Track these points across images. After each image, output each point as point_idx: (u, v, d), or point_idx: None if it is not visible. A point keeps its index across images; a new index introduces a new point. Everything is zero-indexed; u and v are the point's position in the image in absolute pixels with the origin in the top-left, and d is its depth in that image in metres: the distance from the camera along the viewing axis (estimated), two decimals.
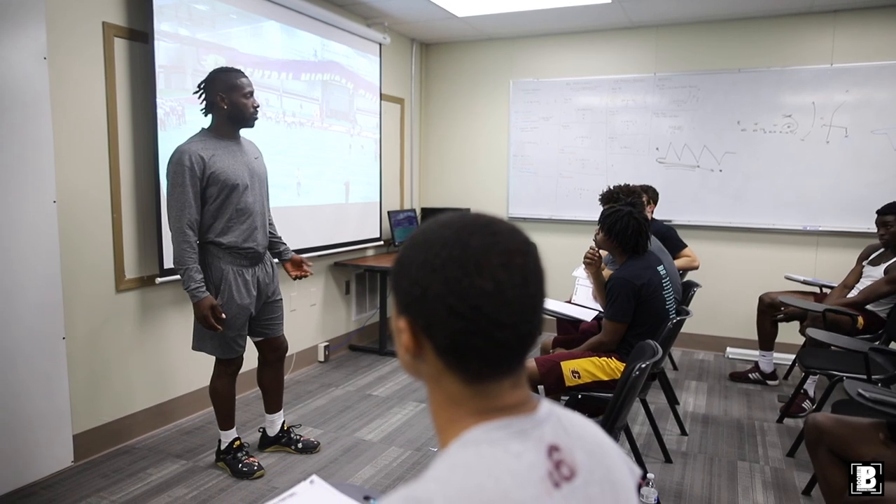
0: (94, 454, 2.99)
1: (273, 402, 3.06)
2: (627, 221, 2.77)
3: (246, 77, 2.70)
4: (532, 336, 0.70)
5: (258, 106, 2.73)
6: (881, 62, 4.33)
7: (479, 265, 0.67)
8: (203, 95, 2.67)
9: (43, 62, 2.58)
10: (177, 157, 2.57)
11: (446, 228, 0.70)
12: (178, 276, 3.18)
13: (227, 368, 2.81)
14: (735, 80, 4.70)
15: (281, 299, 2.97)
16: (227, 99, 2.64)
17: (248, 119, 2.71)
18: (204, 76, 2.71)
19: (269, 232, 2.94)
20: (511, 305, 0.67)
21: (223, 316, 2.64)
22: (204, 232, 2.67)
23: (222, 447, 2.88)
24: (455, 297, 0.66)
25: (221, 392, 2.83)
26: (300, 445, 3.05)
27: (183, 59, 3.22)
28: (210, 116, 2.71)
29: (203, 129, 2.72)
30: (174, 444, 3.15)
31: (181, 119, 3.21)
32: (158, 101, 3.09)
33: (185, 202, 2.55)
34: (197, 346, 2.79)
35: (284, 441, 3.07)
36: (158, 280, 3.18)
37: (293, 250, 3.13)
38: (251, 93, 2.69)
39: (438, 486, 0.63)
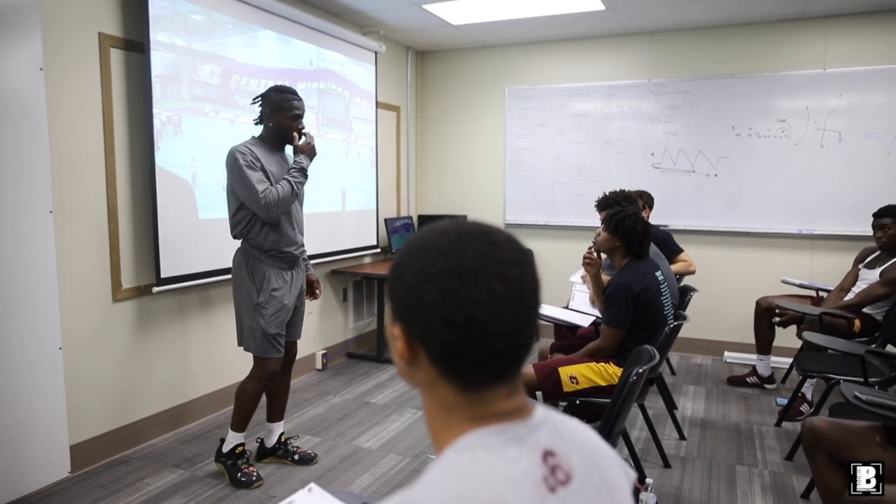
0: (91, 465, 2.98)
1: (276, 411, 3.06)
2: (634, 220, 2.82)
3: (298, 99, 2.80)
4: (527, 345, 0.71)
5: (303, 128, 2.81)
6: (873, 66, 4.37)
7: (475, 275, 0.67)
8: (260, 105, 2.80)
9: (39, 73, 2.58)
10: (233, 155, 2.68)
11: (442, 237, 0.70)
12: (175, 286, 3.23)
13: (261, 373, 2.82)
14: (729, 86, 4.72)
15: (304, 303, 3.03)
16: (274, 118, 2.76)
17: (291, 140, 2.81)
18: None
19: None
20: (506, 316, 0.67)
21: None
22: (248, 234, 2.76)
23: (224, 449, 2.87)
24: (450, 307, 0.66)
25: (249, 394, 2.83)
26: (297, 457, 3.04)
27: (179, 68, 3.23)
28: (262, 127, 2.84)
29: (254, 136, 2.85)
30: (172, 454, 3.14)
31: (177, 129, 3.22)
32: (155, 110, 3.09)
33: (253, 182, 2.62)
34: (244, 345, 2.84)
35: (281, 453, 3.05)
36: (155, 289, 3.18)
37: None
38: (298, 115, 2.79)
39: (433, 492, 0.63)
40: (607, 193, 3.64)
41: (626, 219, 2.82)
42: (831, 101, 4.47)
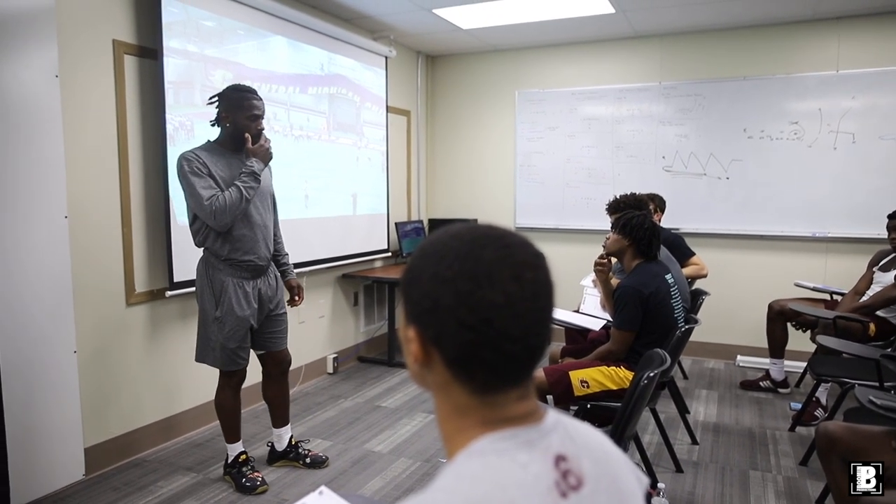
0: (105, 467, 3.00)
1: (279, 416, 3.06)
2: (642, 220, 2.84)
3: (258, 98, 2.70)
4: (540, 349, 0.71)
5: (262, 129, 2.71)
6: (887, 68, 4.33)
7: (491, 278, 0.67)
8: (217, 107, 2.71)
9: (54, 80, 2.62)
10: (180, 162, 2.62)
11: (458, 240, 0.70)
12: (187, 290, 3.24)
13: (229, 381, 2.82)
14: (741, 88, 4.70)
15: (285, 313, 2.96)
16: (231, 118, 2.67)
17: (245, 141, 2.69)
18: (212, 91, 2.74)
19: (275, 250, 2.94)
20: (521, 319, 0.67)
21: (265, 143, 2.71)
22: (205, 243, 2.71)
23: (229, 461, 2.89)
24: (466, 310, 0.67)
25: (226, 405, 2.84)
26: (308, 460, 3.05)
27: (191, 74, 3.26)
28: (219, 129, 2.75)
29: (209, 140, 2.76)
30: (184, 457, 3.16)
31: (190, 134, 3.25)
32: (168, 116, 3.13)
33: (198, 189, 2.56)
34: (199, 357, 2.81)
35: (292, 456, 3.06)
36: (168, 294, 3.21)
37: (301, 262, 3.13)
38: (257, 115, 2.68)
39: (445, 497, 0.63)
40: (618, 197, 3.62)
41: (633, 218, 2.85)
42: (845, 103, 4.44)
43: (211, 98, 2.73)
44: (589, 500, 0.69)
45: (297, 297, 3.05)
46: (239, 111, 2.66)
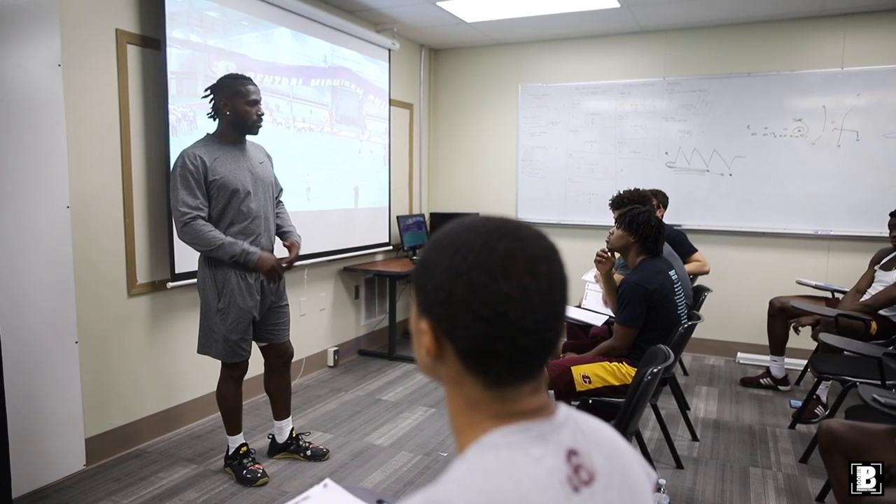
0: (105, 458, 3.00)
1: (281, 409, 3.05)
2: (648, 216, 2.83)
3: (253, 84, 2.71)
4: (554, 342, 0.70)
5: (262, 114, 2.73)
6: (893, 65, 4.31)
7: (506, 271, 0.66)
8: (211, 100, 2.70)
9: (57, 69, 2.61)
10: (178, 160, 2.62)
11: (472, 232, 0.70)
12: (189, 281, 3.23)
13: (232, 373, 2.82)
14: (745, 84, 4.68)
15: (287, 305, 2.96)
16: (230, 105, 2.66)
17: (251, 126, 2.71)
18: (214, 82, 2.73)
19: (278, 224, 2.92)
20: (536, 312, 0.67)
21: (285, 265, 2.78)
22: None
23: (230, 452, 2.89)
24: (480, 303, 0.66)
25: (227, 397, 2.84)
26: (309, 453, 3.05)
27: (194, 65, 3.25)
28: (217, 121, 2.74)
29: (208, 133, 2.75)
30: (185, 449, 3.16)
31: (192, 125, 3.23)
32: (170, 106, 3.11)
33: (180, 197, 2.58)
34: (202, 349, 2.81)
35: (293, 448, 3.06)
36: (170, 285, 3.20)
37: (302, 255, 3.12)
38: (256, 101, 2.69)
39: (458, 490, 0.63)
40: (621, 192, 3.62)
41: (640, 214, 2.84)
42: (849, 101, 4.42)
43: (206, 90, 2.72)
44: (600, 495, 0.69)
45: (286, 262, 2.82)
46: (237, 97, 2.66)
